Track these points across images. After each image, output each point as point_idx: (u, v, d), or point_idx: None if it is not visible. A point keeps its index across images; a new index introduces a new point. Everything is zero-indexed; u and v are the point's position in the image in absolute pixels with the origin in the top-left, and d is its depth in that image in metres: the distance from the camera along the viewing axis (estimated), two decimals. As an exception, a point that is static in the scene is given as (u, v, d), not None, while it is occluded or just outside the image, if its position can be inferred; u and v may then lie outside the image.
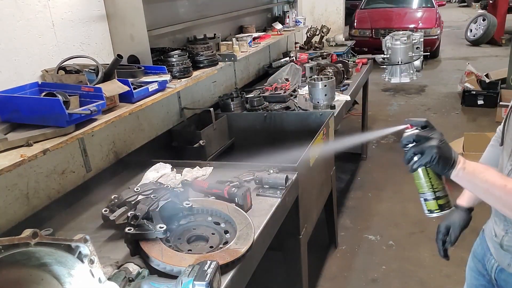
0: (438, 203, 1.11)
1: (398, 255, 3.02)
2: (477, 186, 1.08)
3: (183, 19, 2.73)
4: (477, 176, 1.07)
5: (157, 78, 2.00)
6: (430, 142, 1.05)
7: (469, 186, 1.10)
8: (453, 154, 1.07)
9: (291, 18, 4.25)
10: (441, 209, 1.12)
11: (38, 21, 1.74)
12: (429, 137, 1.06)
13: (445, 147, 1.06)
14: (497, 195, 1.05)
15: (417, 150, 1.07)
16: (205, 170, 2.03)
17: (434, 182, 1.11)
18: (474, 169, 1.07)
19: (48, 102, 1.49)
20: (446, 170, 1.06)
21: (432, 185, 1.11)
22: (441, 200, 1.11)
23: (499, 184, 1.04)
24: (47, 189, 1.80)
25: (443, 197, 1.12)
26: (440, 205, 1.11)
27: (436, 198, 1.11)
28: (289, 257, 2.17)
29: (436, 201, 1.11)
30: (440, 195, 1.11)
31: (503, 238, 1.27)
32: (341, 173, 4.25)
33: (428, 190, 1.12)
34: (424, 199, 1.13)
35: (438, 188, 1.11)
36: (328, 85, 2.79)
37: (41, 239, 0.91)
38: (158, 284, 1.18)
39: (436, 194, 1.11)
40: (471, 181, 1.08)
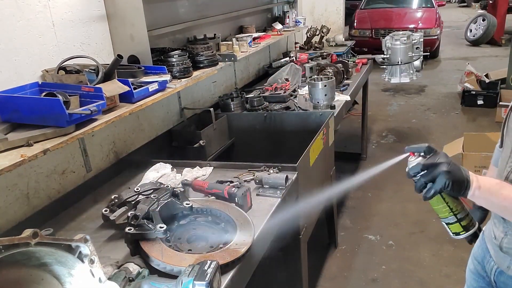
0: (462, 225, 1.10)
1: (398, 255, 3.02)
2: (494, 203, 1.08)
3: (183, 19, 2.73)
4: (494, 194, 1.06)
5: (157, 78, 2.00)
6: (439, 168, 1.03)
7: (487, 204, 1.09)
8: (464, 174, 1.05)
9: (291, 18, 4.25)
10: (466, 230, 1.11)
11: (38, 21, 1.75)
12: (437, 163, 1.04)
13: (455, 170, 1.04)
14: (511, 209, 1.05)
15: (428, 179, 1.04)
16: (205, 170, 2.03)
17: (452, 205, 1.09)
18: (489, 187, 1.06)
19: (48, 102, 1.49)
20: (461, 192, 1.05)
21: (451, 209, 1.09)
22: (464, 221, 1.10)
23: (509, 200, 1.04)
24: (47, 189, 1.80)
25: (465, 218, 1.10)
26: (464, 226, 1.10)
27: (459, 220, 1.10)
28: (289, 257, 2.17)
29: (459, 223, 1.10)
30: (461, 216, 1.10)
31: (503, 240, 1.26)
32: (341, 173, 4.24)
33: (448, 215, 1.10)
34: (447, 224, 1.12)
35: (457, 210, 1.10)
36: (328, 85, 2.80)
37: (41, 239, 0.92)
38: (158, 284, 1.18)
39: (457, 217, 1.10)
40: (488, 199, 1.07)
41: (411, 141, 4.98)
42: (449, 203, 1.09)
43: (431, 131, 5.21)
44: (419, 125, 5.48)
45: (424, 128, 5.35)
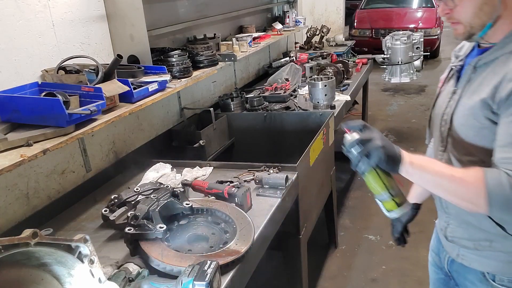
0: (396, 201, 1.11)
1: (397, 255, 3.02)
2: (426, 179, 1.09)
3: (183, 19, 2.73)
4: (426, 169, 1.07)
5: (157, 78, 2.00)
6: (374, 143, 1.04)
7: (419, 180, 1.11)
8: (397, 150, 1.07)
9: (291, 18, 4.25)
10: (399, 206, 1.12)
11: (38, 21, 1.74)
12: (371, 138, 1.05)
13: (388, 145, 1.06)
14: (445, 185, 1.06)
15: (363, 152, 1.05)
16: (205, 170, 2.03)
17: (386, 181, 1.10)
18: (421, 163, 1.07)
19: (48, 102, 1.49)
20: (395, 167, 1.06)
21: (385, 185, 1.10)
22: (397, 198, 1.11)
23: (447, 174, 1.05)
24: (47, 189, 1.80)
25: (398, 195, 1.11)
26: (398, 203, 1.11)
27: (393, 197, 1.11)
28: (289, 257, 2.17)
29: (393, 199, 1.11)
30: (394, 193, 1.11)
31: (446, 229, 1.31)
32: (341, 173, 4.24)
33: (382, 191, 1.11)
34: (381, 200, 1.13)
35: (391, 187, 1.11)
36: (328, 85, 2.80)
37: (41, 239, 0.92)
38: (158, 284, 1.18)
39: (391, 193, 1.11)
40: (420, 175, 1.08)
41: (410, 141, 4.98)
42: (383, 179, 1.10)
43: (431, 131, 5.21)
44: (419, 125, 5.48)
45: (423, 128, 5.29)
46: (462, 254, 1.28)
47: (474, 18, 1.09)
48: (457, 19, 1.11)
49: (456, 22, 1.13)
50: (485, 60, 1.12)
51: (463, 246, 1.26)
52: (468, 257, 1.27)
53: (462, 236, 1.26)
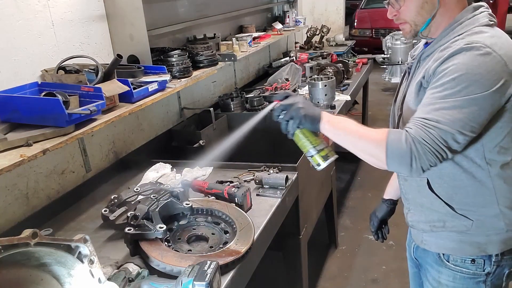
0: (321, 155, 1.26)
1: (398, 255, 3.02)
2: (339, 135, 1.21)
3: (183, 19, 2.73)
4: (340, 127, 1.21)
5: (157, 78, 2.00)
6: (295, 106, 1.21)
7: (334, 136, 1.22)
8: (317, 110, 1.22)
9: (291, 18, 4.25)
10: (325, 159, 1.26)
11: (38, 21, 1.74)
12: (293, 103, 1.22)
13: (308, 106, 1.22)
14: (354, 141, 1.19)
15: (287, 116, 1.23)
16: (205, 170, 2.03)
17: (312, 139, 1.25)
18: (338, 121, 1.22)
19: (47, 102, 1.49)
20: (314, 124, 1.21)
21: (311, 142, 1.25)
22: (323, 151, 1.26)
23: (357, 131, 1.18)
24: (47, 189, 1.80)
25: (323, 149, 1.26)
26: (323, 156, 1.26)
27: (318, 151, 1.25)
28: (289, 257, 2.17)
29: (319, 153, 1.25)
30: (320, 148, 1.25)
31: (407, 215, 1.42)
32: (341, 173, 4.25)
33: (309, 147, 1.26)
34: (310, 156, 1.27)
35: (316, 143, 1.25)
36: (328, 85, 2.79)
37: (41, 239, 0.91)
38: (158, 284, 1.18)
39: (317, 148, 1.25)
40: (335, 132, 1.21)
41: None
42: (309, 137, 1.25)
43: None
44: (419, 125, 5.47)
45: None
46: (424, 240, 1.35)
47: (417, 16, 1.21)
48: (403, 19, 1.24)
49: (403, 22, 1.25)
50: (427, 53, 1.23)
51: (422, 230, 1.35)
52: (428, 241, 1.34)
53: (419, 219, 1.34)
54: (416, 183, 1.30)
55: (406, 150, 1.08)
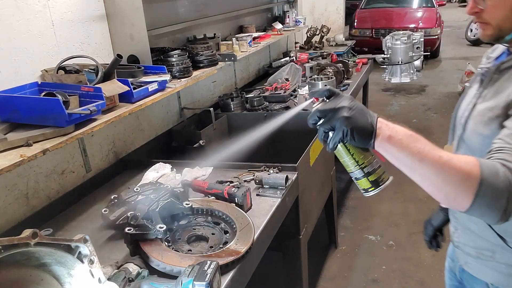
0: (370, 180, 0.94)
1: (398, 255, 3.02)
2: (402, 159, 0.88)
3: (183, 19, 2.73)
4: (403, 145, 0.86)
5: (157, 78, 2.00)
6: (338, 114, 0.87)
7: (394, 160, 0.89)
8: (369, 121, 0.88)
9: (291, 18, 4.25)
10: (375, 186, 0.94)
11: (38, 21, 1.74)
12: (336, 109, 0.87)
13: (357, 116, 0.87)
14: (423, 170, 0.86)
15: (327, 127, 0.89)
16: (205, 170, 2.03)
17: (358, 157, 0.93)
18: (401, 139, 0.87)
19: (47, 102, 1.49)
20: (366, 142, 0.88)
21: (357, 162, 0.93)
22: (372, 176, 0.93)
23: (429, 156, 0.85)
24: (47, 189, 1.80)
25: (373, 173, 0.94)
26: (373, 181, 0.94)
27: (366, 175, 0.94)
28: (289, 257, 2.17)
29: (366, 178, 0.94)
30: (369, 170, 0.93)
31: (454, 235, 1.29)
32: (341, 173, 4.23)
33: (354, 168, 0.94)
34: (355, 178, 0.96)
35: (364, 163, 0.93)
36: (328, 85, 2.79)
37: (41, 239, 0.91)
38: (158, 284, 1.18)
39: (364, 171, 0.93)
40: (397, 155, 0.88)
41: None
42: (355, 155, 0.93)
43: (432, 131, 5.21)
44: (419, 125, 5.47)
45: (425, 128, 5.35)
46: (468, 262, 1.26)
47: (505, 21, 1.03)
48: (487, 20, 1.06)
49: (484, 23, 1.07)
50: (508, 64, 1.06)
51: (467, 253, 1.24)
52: (472, 266, 1.24)
53: (466, 243, 1.23)
54: None
55: (503, 190, 0.82)
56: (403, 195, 3.79)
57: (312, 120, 0.92)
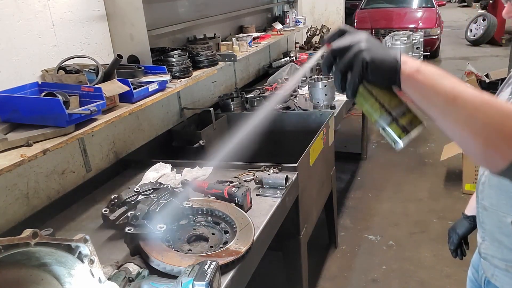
0: (400, 124, 0.77)
1: (398, 255, 3.02)
2: (437, 95, 0.73)
3: (183, 19, 2.73)
4: (439, 80, 0.73)
5: (157, 78, 2.00)
6: (355, 47, 0.75)
7: (423, 97, 0.75)
8: (391, 53, 0.75)
9: (291, 18, 4.25)
10: (406, 130, 0.77)
11: (38, 21, 1.74)
12: (352, 44, 0.75)
13: (377, 47, 0.75)
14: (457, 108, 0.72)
15: (343, 65, 0.76)
16: (205, 170, 2.03)
17: (383, 99, 0.78)
18: (432, 72, 0.74)
19: (48, 102, 1.49)
20: (390, 78, 0.75)
21: (382, 105, 0.78)
22: (402, 119, 0.77)
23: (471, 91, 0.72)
24: (47, 189, 1.80)
25: (402, 115, 0.77)
26: (403, 126, 0.77)
27: (394, 119, 0.78)
28: (289, 257, 2.17)
29: (395, 123, 0.78)
30: (397, 113, 0.78)
31: (481, 245, 1.23)
32: (341, 173, 4.25)
33: (380, 113, 0.78)
34: (383, 129, 0.80)
35: (390, 105, 0.78)
36: (328, 85, 2.79)
37: (41, 239, 0.91)
38: (158, 284, 1.18)
39: (392, 114, 0.78)
40: (426, 90, 0.74)
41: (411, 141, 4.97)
42: (379, 97, 0.78)
43: (432, 131, 5.21)
44: (419, 125, 5.47)
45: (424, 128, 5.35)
46: (495, 275, 1.19)
47: None
48: None
49: None
50: None
51: (495, 266, 1.18)
52: (500, 279, 1.17)
53: (495, 255, 1.17)
54: (498, 218, 1.10)
55: None
56: (403, 195, 3.79)
57: (327, 62, 0.79)
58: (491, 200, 1.12)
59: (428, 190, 3.82)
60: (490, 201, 1.12)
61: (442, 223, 3.28)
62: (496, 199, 1.10)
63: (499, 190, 1.09)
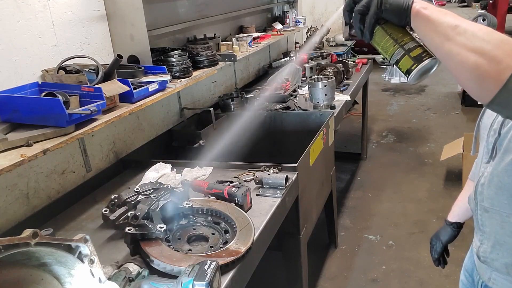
0: (412, 56, 0.89)
1: (398, 255, 3.02)
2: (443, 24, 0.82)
3: (183, 19, 2.73)
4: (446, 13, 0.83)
5: (157, 78, 2.00)
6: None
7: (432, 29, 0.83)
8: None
9: (291, 18, 4.25)
10: (417, 62, 0.89)
11: (38, 21, 1.75)
12: None
13: None
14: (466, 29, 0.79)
15: (361, 7, 0.88)
16: (205, 170, 2.03)
17: (397, 35, 0.91)
18: (439, 9, 0.85)
19: (48, 102, 1.49)
20: (401, 13, 0.85)
21: (396, 40, 0.91)
22: (414, 51, 0.89)
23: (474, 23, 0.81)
24: (47, 189, 1.80)
25: (414, 49, 0.90)
26: (415, 57, 0.89)
27: (407, 52, 0.90)
28: (289, 257, 2.17)
29: (408, 55, 0.90)
30: (409, 47, 0.90)
31: (479, 249, 1.21)
32: (341, 173, 4.25)
33: (394, 49, 0.91)
34: (396, 62, 0.92)
35: (404, 40, 0.90)
36: (328, 85, 2.79)
37: (41, 239, 0.91)
38: (158, 284, 1.18)
39: (405, 48, 0.90)
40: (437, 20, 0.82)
41: (411, 141, 4.98)
42: (393, 34, 0.91)
43: (431, 131, 5.21)
44: (419, 125, 5.48)
45: (424, 128, 5.35)
46: (493, 278, 1.18)
47: None
48: None
49: None
50: None
51: (495, 269, 1.16)
52: (499, 282, 1.16)
53: (495, 258, 1.15)
54: (501, 218, 1.09)
55: None
56: (403, 195, 3.80)
57: (348, 7, 0.91)
58: (492, 201, 1.11)
59: (427, 190, 3.82)
60: (491, 202, 1.11)
61: (442, 223, 3.26)
62: (497, 199, 1.10)
63: (500, 190, 1.08)
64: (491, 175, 1.11)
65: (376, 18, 0.89)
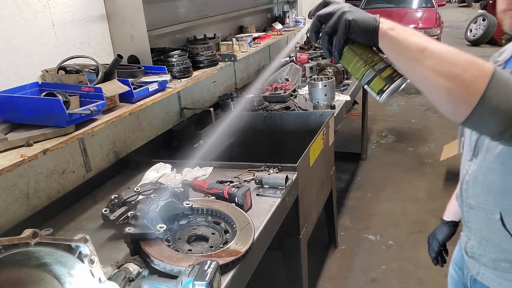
0: (383, 77, 0.88)
1: (397, 255, 3.02)
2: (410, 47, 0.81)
3: (183, 19, 2.73)
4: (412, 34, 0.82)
5: (157, 78, 2.00)
6: (338, 11, 0.86)
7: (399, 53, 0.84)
8: (371, 16, 0.86)
9: (291, 18, 4.25)
10: (389, 82, 0.88)
11: (38, 21, 1.75)
12: (335, 10, 0.86)
13: (358, 11, 0.86)
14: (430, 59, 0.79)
15: (328, 28, 0.86)
16: (205, 170, 2.03)
17: (367, 56, 0.89)
18: (405, 29, 0.84)
19: (48, 102, 1.49)
20: (370, 35, 0.84)
21: (365, 61, 0.89)
22: (385, 72, 0.88)
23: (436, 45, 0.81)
24: (47, 189, 1.80)
25: (385, 69, 0.88)
26: (386, 77, 0.88)
27: (378, 72, 0.88)
28: (289, 257, 2.17)
29: (379, 76, 0.88)
30: (380, 67, 0.88)
31: (466, 244, 1.22)
32: (341, 173, 4.25)
33: (365, 69, 0.89)
34: (367, 83, 0.90)
35: (373, 61, 0.89)
36: (328, 85, 2.79)
37: (41, 239, 0.91)
38: (158, 284, 1.18)
39: (375, 68, 0.89)
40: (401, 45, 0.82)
41: (411, 141, 4.99)
42: (362, 54, 0.89)
43: (431, 131, 5.22)
44: (419, 125, 5.48)
45: (424, 128, 5.35)
46: (482, 273, 1.19)
47: None
48: None
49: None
50: None
51: (483, 264, 1.18)
52: (487, 277, 1.17)
53: (482, 254, 1.16)
54: (486, 215, 1.10)
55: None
56: (402, 195, 3.80)
57: (314, 28, 0.90)
58: (477, 198, 1.12)
59: (427, 190, 3.83)
60: (476, 199, 1.12)
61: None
62: (482, 196, 1.10)
63: (484, 187, 1.09)
64: (476, 173, 1.11)
65: (345, 39, 0.87)
